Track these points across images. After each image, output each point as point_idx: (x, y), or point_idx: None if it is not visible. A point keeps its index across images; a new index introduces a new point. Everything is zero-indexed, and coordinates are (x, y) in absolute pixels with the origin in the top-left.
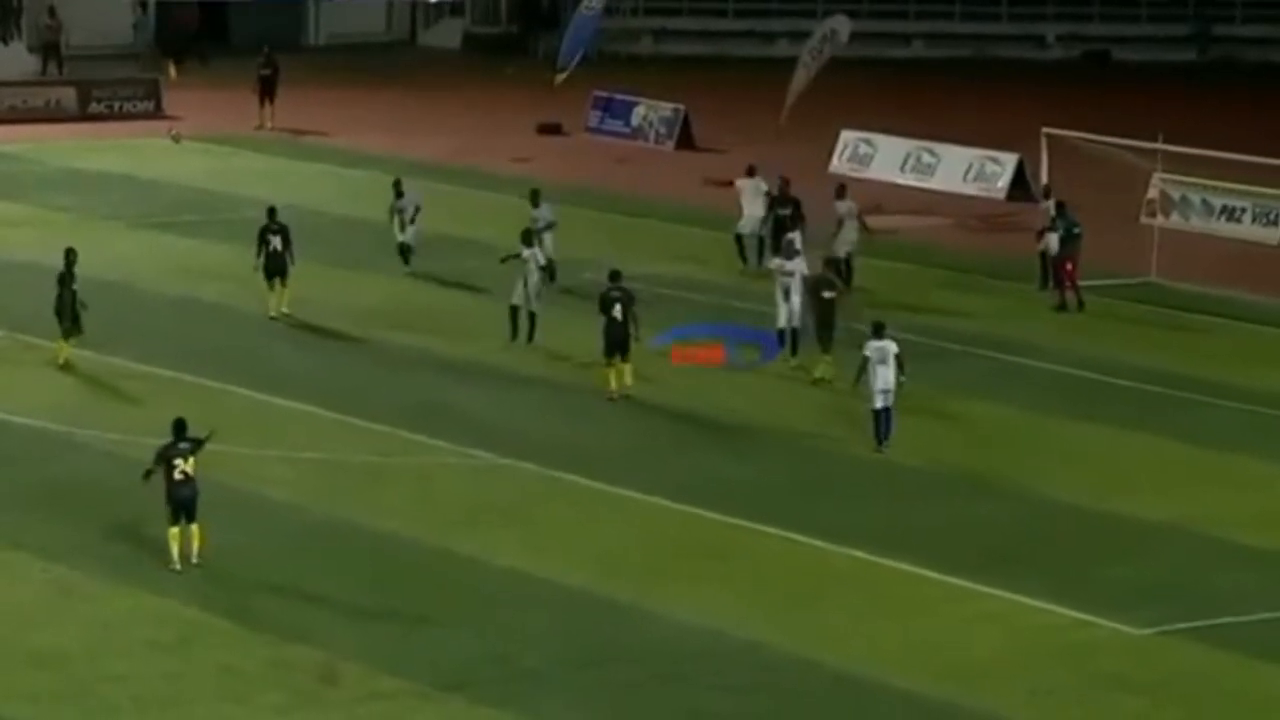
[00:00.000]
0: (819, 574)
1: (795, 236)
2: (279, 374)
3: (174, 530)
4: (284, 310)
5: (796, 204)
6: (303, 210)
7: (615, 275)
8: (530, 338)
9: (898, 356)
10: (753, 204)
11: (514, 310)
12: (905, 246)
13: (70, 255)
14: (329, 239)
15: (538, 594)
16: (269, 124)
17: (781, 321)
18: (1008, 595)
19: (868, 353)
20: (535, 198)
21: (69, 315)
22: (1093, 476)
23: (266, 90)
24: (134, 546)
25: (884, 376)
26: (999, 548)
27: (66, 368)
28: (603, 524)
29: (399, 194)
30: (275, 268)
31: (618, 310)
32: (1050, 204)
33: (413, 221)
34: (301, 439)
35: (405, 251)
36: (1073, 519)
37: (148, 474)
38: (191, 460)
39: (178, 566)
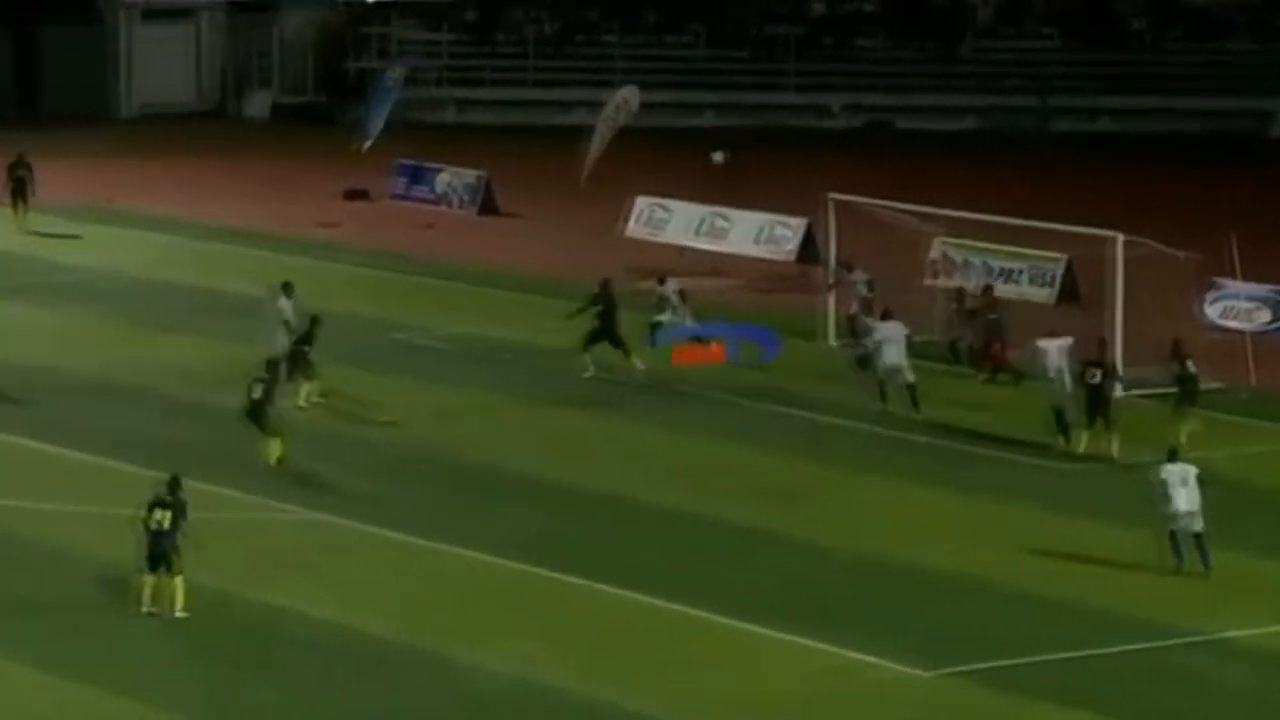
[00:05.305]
0: (618, 622)
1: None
2: (90, 431)
3: (146, 578)
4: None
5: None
6: (110, 274)
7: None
8: None
9: (1199, 478)
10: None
11: None
12: (698, 307)
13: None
14: (138, 301)
15: (344, 644)
16: (24, 227)
17: None
18: (800, 640)
19: (1164, 475)
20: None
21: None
22: (880, 528)
23: (19, 191)
24: None
25: (1188, 497)
26: (791, 596)
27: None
28: (407, 575)
29: None
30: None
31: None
32: (860, 275)
33: None
34: (111, 495)
35: None
36: (863, 569)
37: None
38: (165, 514)
39: (142, 609)
